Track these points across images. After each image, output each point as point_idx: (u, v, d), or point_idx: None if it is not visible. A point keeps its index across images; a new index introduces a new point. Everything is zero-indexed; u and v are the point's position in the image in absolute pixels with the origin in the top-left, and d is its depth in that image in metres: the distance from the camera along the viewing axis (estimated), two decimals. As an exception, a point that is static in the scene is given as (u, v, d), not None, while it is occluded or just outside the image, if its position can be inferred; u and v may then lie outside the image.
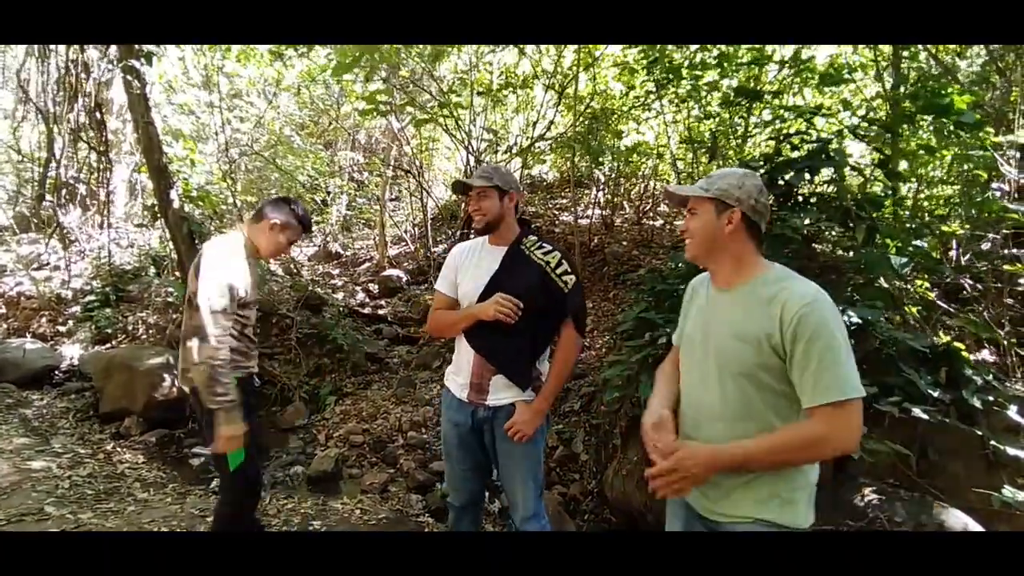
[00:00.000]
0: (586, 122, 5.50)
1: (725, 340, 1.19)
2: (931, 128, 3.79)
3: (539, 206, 8.03)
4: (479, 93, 5.52)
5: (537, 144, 6.09)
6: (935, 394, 2.20)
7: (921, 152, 3.63)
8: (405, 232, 8.59)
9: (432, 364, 5.10)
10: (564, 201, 8.01)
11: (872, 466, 2.23)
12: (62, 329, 6.03)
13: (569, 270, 1.73)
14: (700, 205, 1.23)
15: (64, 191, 6.71)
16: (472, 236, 1.91)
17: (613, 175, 6.91)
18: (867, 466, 2.18)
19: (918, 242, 2.78)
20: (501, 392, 1.73)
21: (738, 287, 1.21)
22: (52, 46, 5.36)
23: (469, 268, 1.79)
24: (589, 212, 6.99)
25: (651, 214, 7.01)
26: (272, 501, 2.83)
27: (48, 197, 6.45)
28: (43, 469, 3.01)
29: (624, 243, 6.11)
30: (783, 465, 1.13)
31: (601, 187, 7.15)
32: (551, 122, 5.94)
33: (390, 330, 6.07)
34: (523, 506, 1.74)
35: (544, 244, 1.78)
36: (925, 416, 2.14)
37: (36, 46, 5.43)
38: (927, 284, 3.10)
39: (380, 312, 6.51)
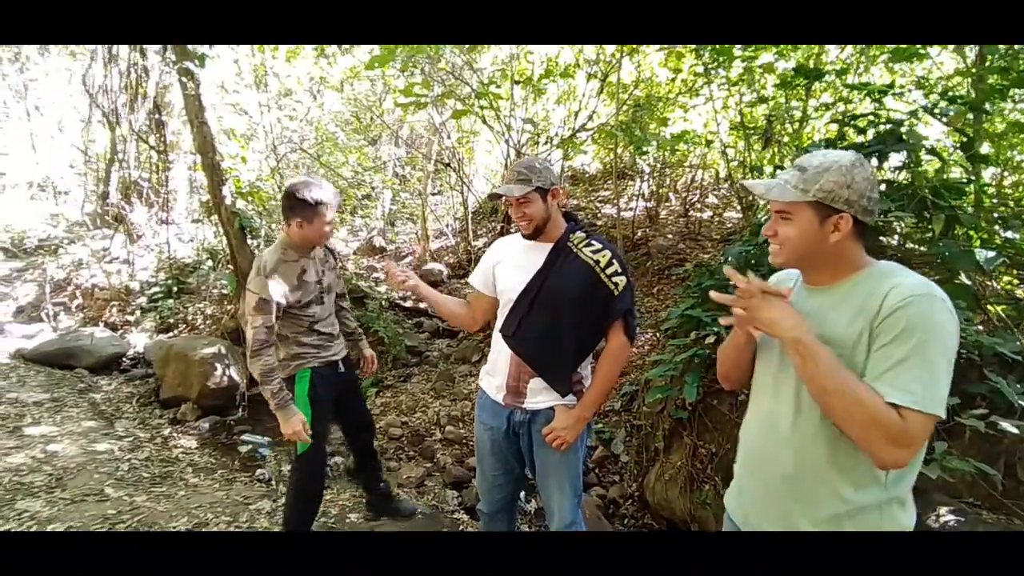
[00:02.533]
0: (629, 111, 5.30)
1: None
2: (1022, 105, 3.38)
3: (581, 198, 7.86)
4: (516, 82, 5.42)
5: (579, 134, 5.94)
6: (1026, 405, 1.95)
7: (1011, 133, 3.24)
8: (447, 226, 8.64)
9: (471, 358, 5.09)
10: (607, 193, 7.81)
11: (948, 483, 2.01)
12: (130, 319, 6.46)
13: (620, 271, 1.59)
14: (796, 210, 0.99)
15: (130, 189, 7.16)
16: (513, 231, 1.81)
17: (658, 165, 6.65)
18: (942, 482, 1.97)
19: (1007, 233, 2.48)
20: (540, 395, 1.63)
21: (835, 286, 1.03)
22: (115, 51, 5.68)
23: (511, 264, 1.68)
24: (633, 204, 6.77)
25: (699, 206, 6.70)
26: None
27: (116, 195, 6.89)
28: (106, 451, 3.20)
29: (669, 236, 5.87)
30: (831, 410, 0.93)
31: (646, 178, 6.90)
32: (593, 111, 5.77)
33: (431, 323, 6.12)
34: (559, 515, 1.65)
35: (593, 241, 1.63)
36: (1014, 430, 1.90)
37: (100, 51, 5.77)
38: (1016, 280, 2.77)
39: (421, 305, 6.57)
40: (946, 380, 0.90)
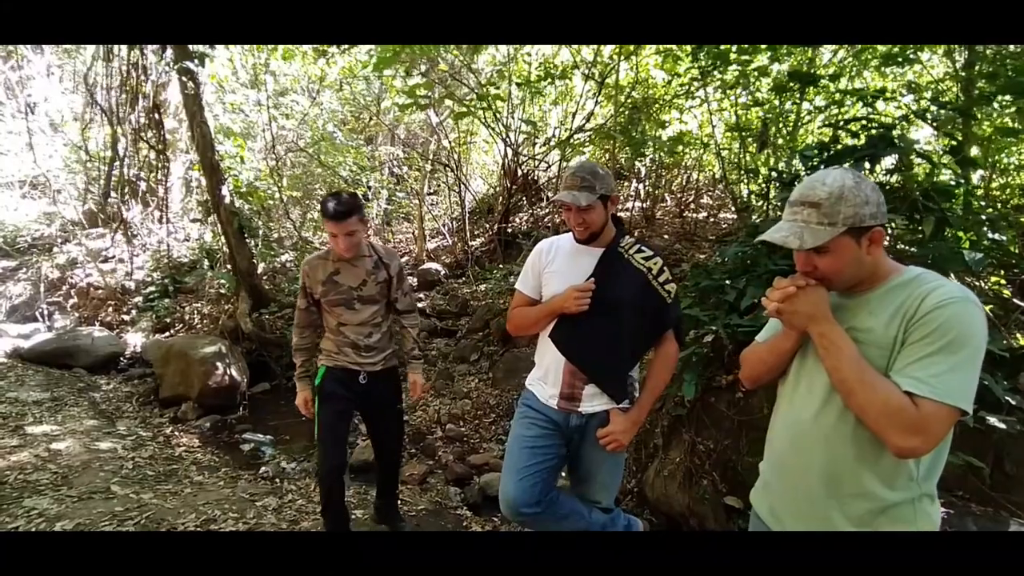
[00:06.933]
0: (627, 112, 5.36)
1: None
2: (1010, 110, 3.48)
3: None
4: (516, 84, 5.47)
5: (576, 135, 5.99)
6: (1012, 401, 2.02)
7: (998, 137, 3.33)
8: (443, 226, 8.67)
9: (470, 357, 5.13)
10: (603, 193, 7.86)
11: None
12: (126, 318, 6.44)
13: (670, 278, 1.61)
14: (831, 243, 1.03)
15: (127, 188, 7.12)
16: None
17: (654, 166, 6.72)
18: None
19: (994, 235, 2.56)
20: (595, 400, 1.65)
21: (869, 291, 1.07)
22: (115, 51, 5.66)
23: (558, 269, 1.65)
24: (629, 205, 6.84)
25: (694, 206, 6.78)
26: (316, 488, 2.92)
27: (113, 194, 6.86)
28: (109, 450, 3.22)
29: (665, 236, 5.94)
30: (851, 399, 0.99)
31: (642, 179, 6.97)
32: (590, 112, 5.82)
33: (428, 323, 6.15)
34: (605, 504, 1.76)
35: (643, 248, 1.64)
36: (1001, 425, 1.98)
37: (102, 50, 5.75)
38: (1003, 281, 2.86)
39: (419, 305, 6.60)
40: (972, 378, 0.94)
